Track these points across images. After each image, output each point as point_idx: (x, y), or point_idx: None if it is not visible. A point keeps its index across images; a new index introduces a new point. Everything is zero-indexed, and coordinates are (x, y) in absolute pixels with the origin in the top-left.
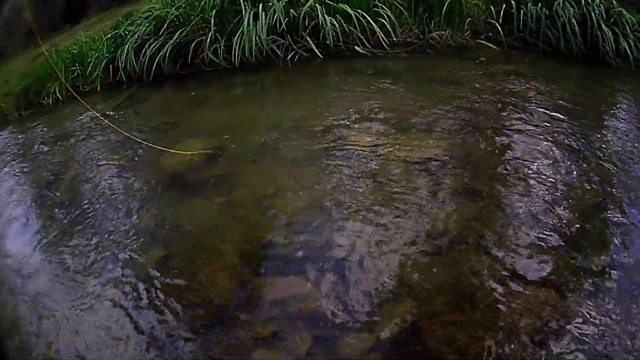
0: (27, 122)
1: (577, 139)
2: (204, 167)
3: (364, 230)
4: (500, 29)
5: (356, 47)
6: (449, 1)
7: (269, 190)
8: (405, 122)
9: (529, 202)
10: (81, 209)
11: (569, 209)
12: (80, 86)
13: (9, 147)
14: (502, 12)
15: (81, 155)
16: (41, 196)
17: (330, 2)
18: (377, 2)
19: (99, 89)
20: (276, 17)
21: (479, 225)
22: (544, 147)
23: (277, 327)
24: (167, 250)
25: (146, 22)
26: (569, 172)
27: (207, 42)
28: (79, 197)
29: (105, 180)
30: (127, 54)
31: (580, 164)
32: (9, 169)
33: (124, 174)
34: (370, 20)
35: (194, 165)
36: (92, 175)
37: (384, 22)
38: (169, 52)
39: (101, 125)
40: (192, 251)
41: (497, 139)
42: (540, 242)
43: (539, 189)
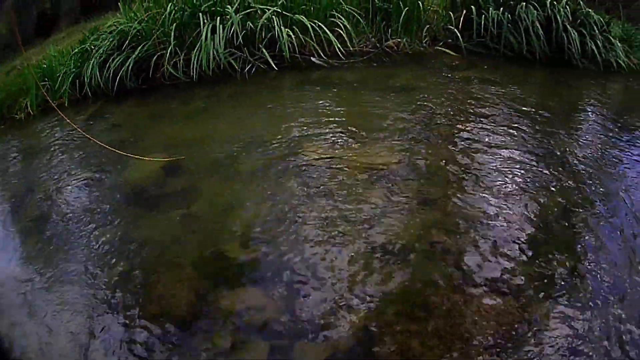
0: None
1: (541, 144)
2: (164, 181)
3: (320, 240)
4: (459, 35)
5: (312, 58)
6: (406, 9)
7: (225, 203)
8: (361, 131)
9: (488, 209)
10: (49, 224)
11: (531, 216)
12: (49, 101)
13: None
14: (462, 17)
15: (51, 170)
16: (9, 211)
17: (287, 14)
18: (334, 12)
19: (66, 104)
20: (233, 30)
21: (436, 233)
22: (506, 153)
23: (235, 337)
24: (130, 263)
25: (110, 36)
26: (532, 178)
27: (167, 56)
28: (47, 212)
29: (72, 195)
30: (92, 69)
31: (544, 169)
32: None
33: (91, 189)
34: (326, 30)
35: (155, 179)
36: (60, 190)
37: (341, 31)
38: (131, 66)
39: (71, 139)
40: (153, 264)
41: (456, 147)
42: (498, 250)
43: (499, 196)
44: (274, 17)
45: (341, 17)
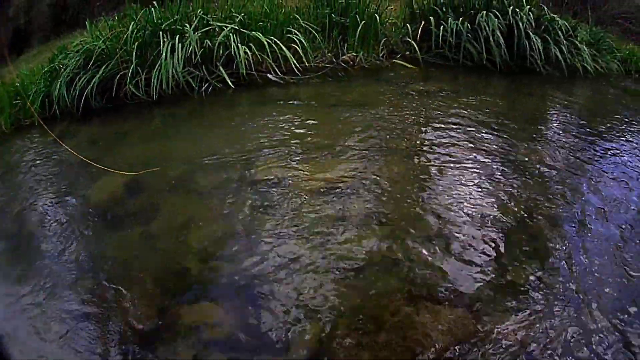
0: None
1: (503, 153)
2: (125, 200)
3: (275, 257)
4: (417, 47)
5: (269, 75)
6: (363, 22)
7: (183, 220)
8: (315, 148)
9: (447, 222)
10: (18, 241)
11: (489, 227)
12: (21, 120)
13: None
14: (419, 29)
15: (23, 188)
16: None
17: (244, 31)
18: (290, 28)
19: (36, 123)
20: (191, 48)
21: (390, 248)
22: (465, 165)
23: (195, 351)
24: (95, 279)
25: (77, 55)
26: (492, 189)
27: (129, 76)
28: (17, 229)
29: (40, 213)
30: (60, 88)
31: (504, 179)
32: None
33: (56, 208)
34: (282, 47)
35: (117, 199)
36: (30, 208)
37: (297, 47)
38: (96, 86)
39: (42, 157)
40: (116, 280)
41: (411, 161)
42: (454, 261)
43: (458, 208)
44: (231, 34)
45: (297, 33)
